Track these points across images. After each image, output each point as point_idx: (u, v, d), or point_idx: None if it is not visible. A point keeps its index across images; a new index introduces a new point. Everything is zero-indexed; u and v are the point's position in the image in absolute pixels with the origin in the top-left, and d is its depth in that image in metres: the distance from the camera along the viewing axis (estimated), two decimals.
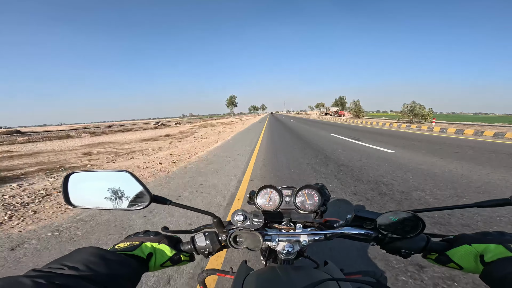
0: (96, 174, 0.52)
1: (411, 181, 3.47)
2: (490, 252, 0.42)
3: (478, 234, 0.47)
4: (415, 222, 0.47)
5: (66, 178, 0.51)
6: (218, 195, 3.18)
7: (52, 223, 2.49)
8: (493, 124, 15.38)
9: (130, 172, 0.47)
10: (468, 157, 5.17)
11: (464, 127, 13.13)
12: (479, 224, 2.12)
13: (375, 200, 2.80)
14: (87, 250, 0.39)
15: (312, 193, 0.64)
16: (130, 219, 2.47)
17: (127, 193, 0.50)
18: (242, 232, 0.53)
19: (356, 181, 3.54)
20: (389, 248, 0.53)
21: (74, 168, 5.71)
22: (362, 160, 4.98)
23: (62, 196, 0.52)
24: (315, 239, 0.56)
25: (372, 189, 3.17)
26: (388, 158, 5.20)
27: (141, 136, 17.67)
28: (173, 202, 0.49)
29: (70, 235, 2.24)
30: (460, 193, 2.98)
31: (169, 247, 0.52)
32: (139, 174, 4.51)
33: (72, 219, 2.58)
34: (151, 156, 6.78)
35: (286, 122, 22.71)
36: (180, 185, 3.72)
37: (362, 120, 23.55)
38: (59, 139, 17.61)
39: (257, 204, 0.65)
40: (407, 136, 9.63)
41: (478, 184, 3.28)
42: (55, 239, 2.16)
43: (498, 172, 3.83)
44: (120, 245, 0.49)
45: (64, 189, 0.51)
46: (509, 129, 10.75)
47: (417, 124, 15.51)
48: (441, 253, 0.49)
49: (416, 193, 2.98)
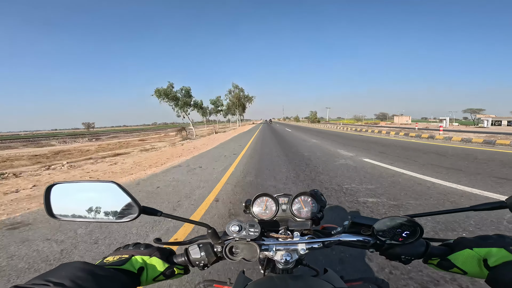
0: (80, 185, 0.50)
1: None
2: (493, 256, 0.42)
3: (478, 238, 0.47)
4: (412, 228, 0.47)
5: (48, 189, 0.49)
6: None
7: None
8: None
9: (116, 183, 0.45)
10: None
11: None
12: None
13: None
14: (74, 265, 0.36)
15: (308, 200, 0.63)
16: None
17: (114, 205, 0.48)
18: (238, 243, 0.51)
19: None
20: (389, 255, 0.53)
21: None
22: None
23: (44, 208, 0.49)
24: (313, 247, 0.55)
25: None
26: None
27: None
28: (164, 213, 0.48)
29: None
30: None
31: (161, 260, 0.50)
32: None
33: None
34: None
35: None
36: None
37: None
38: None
39: (253, 212, 0.63)
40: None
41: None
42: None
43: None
44: (109, 259, 0.46)
45: (46, 201, 0.49)
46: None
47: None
48: (443, 258, 0.48)
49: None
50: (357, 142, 10.07)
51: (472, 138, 9.02)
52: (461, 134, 11.17)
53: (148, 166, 6.53)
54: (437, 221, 2.24)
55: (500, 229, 2.10)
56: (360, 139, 11.76)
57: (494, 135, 10.73)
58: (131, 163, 7.51)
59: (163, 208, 3.08)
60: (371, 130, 17.73)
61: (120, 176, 5.24)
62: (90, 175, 6.02)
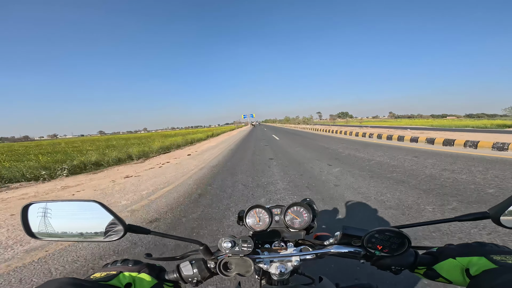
0: (60, 204, 0.47)
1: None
2: (474, 265, 0.42)
3: (460, 247, 0.48)
4: (400, 240, 0.47)
5: (25, 208, 0.46)
6: None
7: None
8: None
9: (99, 202, 0.43)
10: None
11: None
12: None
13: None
14: (61, 281, 0.35)
15: (301, 211, 0.63)
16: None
17: (98, 224, 0.46)
18: (232, 259, 0.51)
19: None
20: (379, 265, 0.53)
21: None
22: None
23: (23, 228, 0.46)
24: (307, 258, 0.55)
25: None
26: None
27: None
28: (153, 231, 0.47)
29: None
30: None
31: (150, 276, 0.48)
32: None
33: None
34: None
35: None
36: None
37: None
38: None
39: (247, 224, 0.63)
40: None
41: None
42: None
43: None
44: (96, 275, 0.45)
45: (24, 220, 0.46)
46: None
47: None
48: (429, 268, 0.49)
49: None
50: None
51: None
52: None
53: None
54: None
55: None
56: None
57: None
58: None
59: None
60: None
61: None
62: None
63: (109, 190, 4.32)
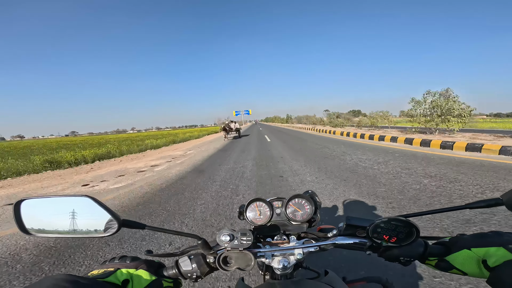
0: (52, 200, 0.46)
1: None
2: (492, 256, 0.41)
3: (474, 237, 0.46)
4: (408, 229, 0.45)
5: (17, 205, 0.45)
6: None
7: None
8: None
9: (91, 197, 0.41)
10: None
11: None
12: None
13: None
14: (58, 277, 0.35)
15: (303, 203, 0.61)
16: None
17: (92, 219, 0.45)
18: (231, 253, 0.49)
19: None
20: (386, 256, 0.51)
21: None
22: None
23: (16, 224, 0.46)
24: (310, 251, 0.53)
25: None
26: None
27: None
28: (148, 226, 0.45)
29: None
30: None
31: (148, 273, 0.47)
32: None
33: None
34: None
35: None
36: None
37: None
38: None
39: (248, 218, 0.61)
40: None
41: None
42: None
43: None
44: (93, 273, 0.44)
45: (17, 217, 0.46)
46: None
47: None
48: (441, 259, 0.47)
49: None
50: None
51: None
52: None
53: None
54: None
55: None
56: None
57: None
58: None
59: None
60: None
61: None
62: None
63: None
